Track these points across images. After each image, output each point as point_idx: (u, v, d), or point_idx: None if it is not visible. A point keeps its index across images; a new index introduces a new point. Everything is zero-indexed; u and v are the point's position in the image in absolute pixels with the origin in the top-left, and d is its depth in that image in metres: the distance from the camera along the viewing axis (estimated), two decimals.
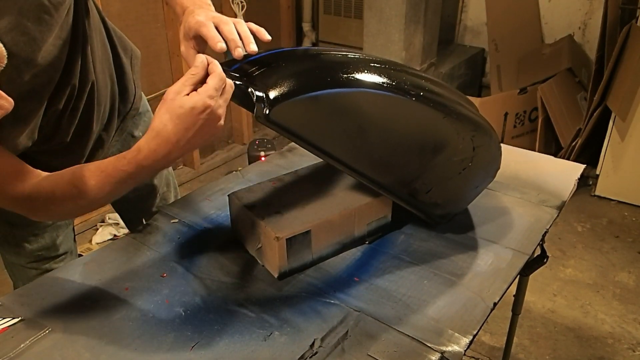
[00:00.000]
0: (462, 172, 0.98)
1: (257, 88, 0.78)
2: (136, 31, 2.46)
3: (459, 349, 0.77)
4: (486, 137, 0.98)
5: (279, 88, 0.78)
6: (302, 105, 0.79)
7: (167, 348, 0.78)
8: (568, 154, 2.68)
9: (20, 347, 0.77)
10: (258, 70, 0.82)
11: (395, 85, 0.85)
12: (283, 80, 0.79)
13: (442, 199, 1.01)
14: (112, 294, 0.88)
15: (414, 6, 2.74)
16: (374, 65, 0.87)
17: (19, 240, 1.05)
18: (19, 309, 0.85)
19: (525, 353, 1.82)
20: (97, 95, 0.92)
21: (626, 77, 2.40)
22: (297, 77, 0.80)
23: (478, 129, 0.96)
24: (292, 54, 0.91)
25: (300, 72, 0.82)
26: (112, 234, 2.36)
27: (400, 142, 0.90)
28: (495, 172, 1.07)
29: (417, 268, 0.95)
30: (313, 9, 3.27)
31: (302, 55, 0.93)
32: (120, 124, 1.07)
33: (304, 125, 0.82)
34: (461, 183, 1.01)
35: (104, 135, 1.02)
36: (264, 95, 0.76)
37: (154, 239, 1.02)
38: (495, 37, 3.17)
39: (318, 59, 0.90)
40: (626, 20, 2.50)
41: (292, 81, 0.79)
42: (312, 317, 0.83)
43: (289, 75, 0.80)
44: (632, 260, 2.27)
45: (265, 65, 0.83)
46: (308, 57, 0.91)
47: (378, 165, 0.91)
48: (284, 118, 0.78)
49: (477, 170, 1.01)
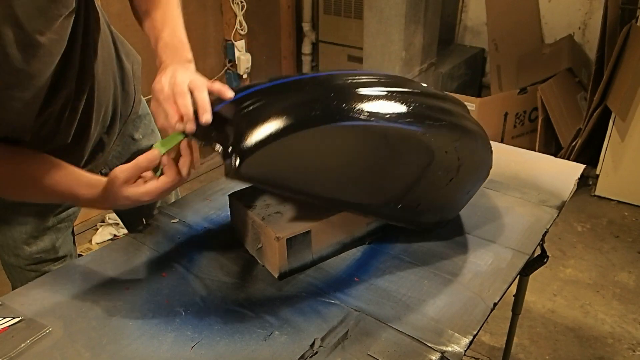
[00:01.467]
0: (449, 183, 0.95)
1: (224, 141, 0.76)
2: (136, 31, 2.44)
3: (459, 349, 0.77)
4: (472, 142, 0.94)
5: (245, 138, 0.75)
6: (274, 151, 0.76)
7: (167, 348, 0.78)
8: (568, 154, 2.68)
9: (21, 347, 0.77)
10: (223, 121, 0.79)
11: (368, 112, 0.81)
12: (250, 128, 0.76)
13: (432, 211, 0.99)
14: (112, 294, 0.88)
15: (414, 6, 2.74)
16: (343, 93, 0.83)
17: (18, 243, 1.05)
18: (19, 308, 0.85)
19: (525, 353, 1.82)
20: (97, 95, 0.92)
21: (626, 77, 2.40)
22: (265, 121, 0.77)
23: (462, 136, 0.91)
24: (258, 93, 0.84)
25: (268, 115, 0.78)
26: (112, 234, 2.36)
27: (381, 167, 0.87)
28: (486, 173, 1.04)
29: (417, 268, 0.95)
30: (313, 9, 3.27)
31: (269, 93, 0.85)
32: (122, 128, 1.07)
33: (281, 172, 0.79)
34: (450, 193, 0.99)
35: (105, 139, 1.02)
36: (230, 150, 0.75)
37: (154, 239, 1.02)
38: (495, 37, 3.16)
39: (286, 96, 0.83)
40: (626, 20, 2.50)
41: (260, 127, 0.76)
42: (312, 317, 0.83)
43: (255, 121, 0.77)
44: (632, 260, 2.27)
45: (231, 114, 0.80)
46: (276, 95, 0.84)
47: (361, 194, 0.89)
48: (256, 170, 0.77)
49: (466, 177, 0.98)
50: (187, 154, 0.81)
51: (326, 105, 0.80)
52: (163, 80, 0.81)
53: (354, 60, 3.22)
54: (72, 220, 1.13)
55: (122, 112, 1.04)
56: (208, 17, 2.76)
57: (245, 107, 0.80)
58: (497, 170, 1.26)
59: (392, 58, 2.86)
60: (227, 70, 2.94)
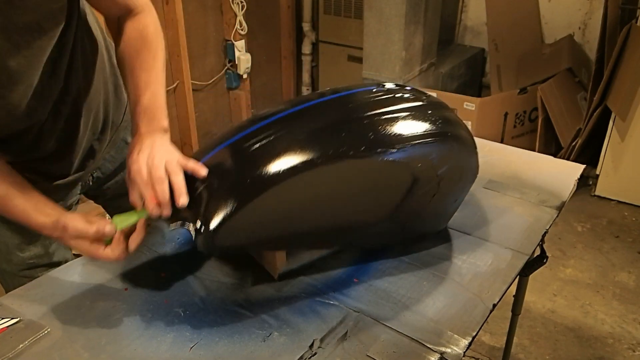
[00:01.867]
0: (432, 199, 0.91)
1: (192, 219, 0.77)
2: None
3: (459, 350, 0.77)
4: (451, 151, 0.89)
5: (212, 212, 0.75)
6: (244, 218, 0.76)
7: (166, 348, 0.78)
8: (568, 154, 2.68)
9: (19, 348, 0.77)
10: (190, 197, 0.78)
11: (332, 152, 0.79)
12: (215, 201, 0.76)
13: (419, 228, 0.98)
14: (111, 295, 0.88)
15: (414, 6, 2.74)
16: (300, 140, 0.80)
17: (11, 248, 1.04)
18: (18, 309, 0.84)
19: (525, 353, 1.82)
20: (87, 101, 0.92)
21: (626, 77, 2.40)
22: (229, 189, 0.77)
23: (439, 148, 0.86)
24: (219, 155, 0.83)
25: (230, 183, 0.78)
26: None
27: (357, 203, 0.85)
28: (473, 176, 0.98)
29: (416, 269, 0.94)
30: (313, 9, 3.27)
31: (227, 156, 0.83)
32: (113, 135, 1.07)
33: (259, 232, 0.80)
34: (435, 207, 0.95)
35: (96, 145, 1.02)
36: (200, 227, 0.76)
37: (153, 240, 1.02)
38: (495, 37, 3.16)
39: (245, 155, 0.81)
40: (626, 20, 2.50)
41: (225, 198, 0.76)
42: (312, 318, 0.83)
43: (218, 193, 0.77)
44: (632, 260, 2.26)
45: (196, 186, 0.80)
46: (234, 157, 0.82)
47: (340, 234, 0.88)
48: (232, 239, 0.77)
49: (450, 188, 0.93)
50: (141, 232, 0.81)
51: (285, 159, 0.78)
52: (140, 161, 0.80)
53: (354, 60, 3.22)
54: None
55: (114, 119, 1.04)
56: (208, 17, 2.76)
57: (208, 176, 0.80)
58: (497, 171, 1.26)
59: (392, 58, 2.86)
60: (227, 70, 2.94)
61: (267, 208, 0.78)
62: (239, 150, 0.82)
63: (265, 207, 0.77)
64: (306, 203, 0.81)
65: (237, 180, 0.78)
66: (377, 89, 0.94)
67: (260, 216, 0.78)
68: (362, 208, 0.86)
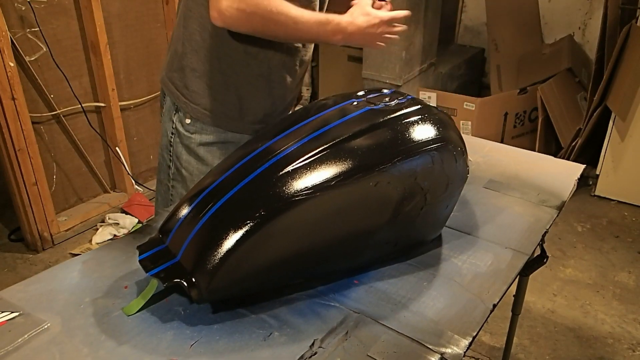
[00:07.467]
0: (421, 212, 0.90)
1: (183, 275, 0.78)
2: (136, 31, 2.45)
3: (459, 350, 0.77)
4: (435, 164, 0.87)
5: (202, 265, 0.76)
6: (234, 265, 0.76)
7: (166, 345, 0.78)
8: (568, 154, 2.68)
9: (18, 342, 0.77)
10: (177, 254, 0.79)
11: (306, 187, 0.79)
12: (204, 252, 0.76)
13: (413, 239, 0.97)
14: (110, 292, 0.88)
15: (414, 6, 2.74)
16: (273, 182, 0.79)
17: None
18: (18, 303, 0.84)
19: (525, 353, 1.82)
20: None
21: (626, 77, 2.40)
22: (213, 240, 0.77)
23: (422, 162, 0.85)
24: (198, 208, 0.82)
25: (214, 234, 0.77)
26: (112, 234, 2.36)
27: (345, 230, 0.85)
28: (462, 180, 0.96)
29: (416, 270, 0.94)
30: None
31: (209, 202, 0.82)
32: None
33: (253, 274, 0.80)
34: (426, 219, 0.94)
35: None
36: (191, 280, 0.77)
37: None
38: (495, 37, 3.17)
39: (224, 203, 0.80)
40: (626, 20, 2.51)
41: (211, 249, 0.76)
42: (312, 319, 0.83)
43: (204, 245, 0.77)
44: (632, 260, 2.27)
45: (182, 238, 0.80)
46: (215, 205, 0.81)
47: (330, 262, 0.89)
48: (225, 287, 0.78)
49: (439, 198, 0.92)
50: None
51: (266, 201, 0.78)
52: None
53: (354, 60, 3.22)
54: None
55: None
56: None
57: (194, 228, 0.80)
58: (497, 170, 1.26)
59: (392, 58, 2.86)
60: None
61: (259, 250, 0.78)
62: (213, 197, 0.81)
63: (257, 249, 0.78)
64: (296, 238, 0.81)
65: (220, 231, 0.77)
66: (356, 101, 0.95)
67: (252, 259, 0.78)
68: (351, 233, 0.86)
